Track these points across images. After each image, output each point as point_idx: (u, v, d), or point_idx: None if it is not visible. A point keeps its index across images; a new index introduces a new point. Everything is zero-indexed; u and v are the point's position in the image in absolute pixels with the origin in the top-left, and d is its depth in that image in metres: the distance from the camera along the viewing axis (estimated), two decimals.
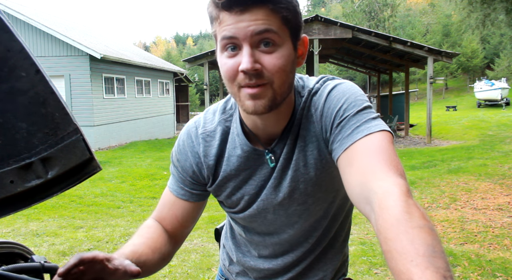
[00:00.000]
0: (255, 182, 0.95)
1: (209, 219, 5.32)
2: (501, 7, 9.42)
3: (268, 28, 0.76)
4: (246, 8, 0.75)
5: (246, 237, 1.07)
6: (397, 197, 0.63)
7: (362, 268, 3.56)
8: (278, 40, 0.78)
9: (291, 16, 0.79)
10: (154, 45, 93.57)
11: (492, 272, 3.35)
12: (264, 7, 0.75)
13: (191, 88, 36.93)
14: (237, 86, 0.80)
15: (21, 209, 0.80)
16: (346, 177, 0.77)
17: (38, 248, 4.28)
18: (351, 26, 12.83)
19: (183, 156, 0.98)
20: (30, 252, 1.24)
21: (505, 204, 5.45)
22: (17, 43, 0.74)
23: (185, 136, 0.99)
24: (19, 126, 0.75)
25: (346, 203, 1.03)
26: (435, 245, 0.54)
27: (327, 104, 0.86)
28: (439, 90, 42.45)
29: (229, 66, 0.79)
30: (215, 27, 0.80)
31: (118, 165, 10.32)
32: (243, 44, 0.77)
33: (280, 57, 0.78)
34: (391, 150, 0.76)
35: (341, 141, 0.81)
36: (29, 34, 13.80)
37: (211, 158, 0.95)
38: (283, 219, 0.98)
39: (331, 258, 1.07)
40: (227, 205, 1.02)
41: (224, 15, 0.77)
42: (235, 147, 0.93)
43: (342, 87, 0.88)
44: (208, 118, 0.98)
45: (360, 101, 0.84)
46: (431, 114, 12.88)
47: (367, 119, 0.81)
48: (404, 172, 0.72)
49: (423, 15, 57.00)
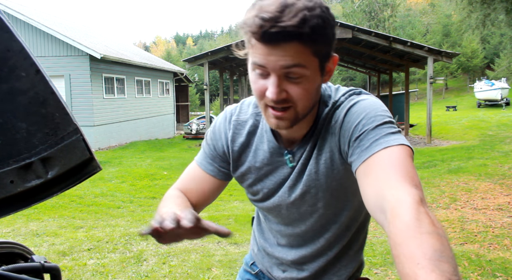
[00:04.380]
0: (275, 179, 1.02)
1: (209, 219, 5.31)
2: (501, 7, 9.42)
3: (296, 63, 0.78)
4: (277, 44, 0.76)
5: (267, 224, 1.16)
6: (409, 205, 0.65)
7: None
8: (306, 72, 0.80)
9: (324, 46, 0.81)
10: (154, 45, 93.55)
11: (492, 272, 3.35)
12: (296, 43, 0.76)
13: (191, 88, 36.94)
14: (264, 104, 0.86)
15: (21, 209, 0.80)
16: (363, 187, 0.79)
17: (38, 248, 4.27)
18: (351, 26, 12.83)
19: (217, 136, 1.06)
20: (30, 252, 1.24)
21: (505, 204, 5.45)
22: (17, 43, 0.74)
23: (222, 119, 1.07)
24: (19, 126, 0.75)
25: (359, 215, 1.07)
26: (443, 250, 0.55)
27: (347, 118, 0.89)
28: (439, 90, 42.45)
29: (258, 87, 0.84)
30: (249, 47, 0.83)
31: (118, 165, 10.32)
32: (272, 73, 0.80)
33: (306, 87, 0.82)
34: (409, 163, 0.77)
35: (360, 154, 0.83)
36: (29, 34, 13.80)
37: (236, 145, 1.03)
38: (296, 215, 1.05)
39: (345, 265, 1.12)
40: (249, 192, 1.10)
41: (256, 43, 0.78)
42: (263, 142, 1.00)
43: (365, 103, 0.90)
44: (243, 108, 1.06)
45: (380, 116, 0.86)
46: (431, 114, 12.88)
47: (387, 133, 0.82)
48: (420, 184, 0.73)
49: (423, 15, 57.01)
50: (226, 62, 16.19)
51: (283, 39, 0.75)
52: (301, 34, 0.75)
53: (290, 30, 0.74)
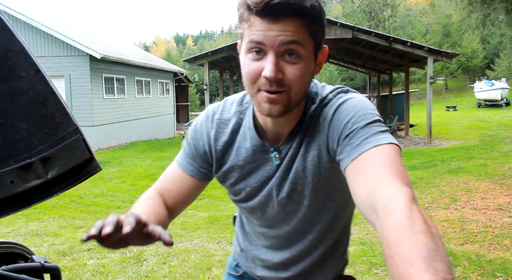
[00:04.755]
0: (258, 177, 1.00)
1: (209, 219, 5.32)
2: (501, 7, 9.42)
3: (295, 39, 0.79)
4: (278, 18, 0.77)
5: (249, 227, 1.14)
6: (401, 204, 0.64)
7: (362, 268, 3.56)
8: (303, 52, 0.81)
9: (319, 30, 0.83)
10: (154, 45, 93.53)
11: (492, 272, 3.35)
12: (296, 19, 0.78)
13: (191, 88, 36.93)
14: (256, 89, 0.84)
15: (21, 209, 0.80)
16: (353, 186, 0.79)
17: (38, 248, 4.27)
18: (351, 26, 12.83)
19: (198, 135, 1.04)
20: (30, 252, 1.24)
21: (505, 204, 5.45)
22: (17, 43, 0.74)
23: (204, 118, 1.05)
24: (19, 126, 0.75)
25: (343, 214, 1.06)
26: (436, 249, 0.54)
27: (336, 116, 0.89)
28: (439, 90, 42.45)
29: (252, 69, 0.83)
30: (244, 28, 0.82)
31: (118, 165, 10.32)
32: (269, 51, 0.80)
33: (302, 69, 0.82)
34: (398, 161, 0.77)
35: (349, 152, 0.82)
36: (29, 34, 13.80)
37: (220, 144, 1.01)
38: (281, 215, 1.03)
39: (332, 265, 1.11)
40: (231, 192, 1.08)
41: (256, 20, 0.79)
42: (245, 139, 0.99)
43: (353, 101, 0.90)
44: (226, 106, 1.04)
45: (369, 114, 0.86)
46: (431, 114, 12.87)
47: (376, 132, 0.82)
48: (410, 182, 0.73)
49: (423, 15, 57.01)
50: (226, 62, 16.19)
51: (285, 13, 0.77)
52: (302, 10, 0.77)
53: (292, 2, 0.76)
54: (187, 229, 4.85)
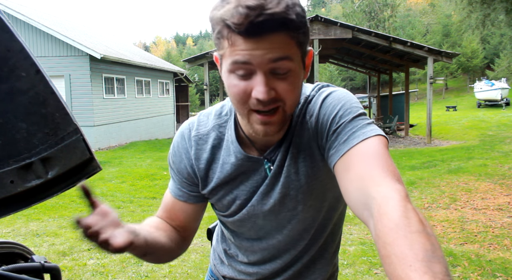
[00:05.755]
0: (247, 188, 0.95)
1: (209, 219, 5.31)
2: (501, 7, 9.42)
3: (284, 55, 0.74)
4: (263, 35, 0.71)
5: (235, 242, 1.07)
6: (396, 202, 0.63)
7: (362, 268, 3.56)
8: (292, 65, 0.76)
9: (305, 38, 0.78)
10: (154, 45, 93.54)
11: (492, 272, 3.35)
12: (282, 33, 0.72)
13: (191, 88, 36.93)
14: (247, 109, 0.79)
15: (21, 209, 0.80)
16: (344, 183, 0.77)
17: (38, 248, 4.28)
18: (351, 26, 12.83)
19: (177, 158, 0.98)
20: (30, 252, 1.24)
21: (505, 204, 5.45)
22: (17, 43, 0.74)
23: (179, 138, 0.98)
24: (19, 126, 0.75)
25: (334, 213, 1.02)
26: (434, 250, 0.54)
27: (322, 111, 0.87)
28: (439, 90, 42.45)
29: (240, 89, 0.76)
30: (224, 47, 0.75)
31: (118, 165, 10.32)
32: (258, 70, 0.74)
33: (293, 81, 0.78)
34: (387, 154, 0.76)
35: (338, 148, 0.81)
36: (29, 34, 13.80)
37: (202, 162, 0.96)
38: (273, 224, 0.98)
39: (320, 268, 1.07)
40: (218, 208, 1.02)
41: (238, 39, 0.72)
42: (229, 154, 0.93)
43: (337, 94, 0.88)
44: (202, 120, 0.98)
45: (355, 108, 0.85)
46: (431, 114, 12.87)
47: (362, 125, 0.81)
48: (400, 177, 0.72)
49: (423, 15, 57.02)
50: None
51: (270, 29, 0.70)
52: (288, 23, 0.71)
53: (278, 17, 0.69)
54: None
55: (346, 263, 3.69)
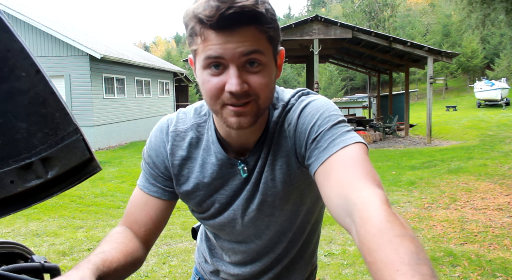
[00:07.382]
0: (227, 192, 0.95)
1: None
2: (501, 7, 9.42)
3: (256, 49, 0.76)
4: (235, 28, 0.73)
5: (217, 242, 1.09)
6: (377, 207, 0.63)
7: (362, 268, 3.56)
8: (264, 59, 0.78)
9: (275, 34, 0.80)
10: (154, 45, 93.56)
11: (492, 272, 3.35)
12: (253, 27, 0.75)
13: (191, 88, 36.92)
14: (220, 104, 0.80)
15: (21, 209, 0.80)
16: (324, 190, 0.77)
17: (38, 248, 4.28)
18: (351, 26, 12.83)
19: (154, 152, 0.97)
20: (30, 252, 1.24)
21: (505, 204, 5.45)
22: (17, 43, 0.74)
23: (158, 132, 0.98)
24: (19, 126, 0.75)
25: (312, 216, 1.04)
26: (418, 252, 0.54)
27: (301, 120, 0.87)
28: (439, 90, 42.46)
29: (213, 85, 0.78)
30: (197, 44, 0.77)
31: (118, 165, 10.32)
32: (230, 64, 0.76)
33: (266, 76, 0.79)
34: (367, 161, 0.77)
35: (318, 155, 0.81)
36: (29, 34, 13.80)
37: (176, 158, 0.95)
38: (252, 229, 0.99)
39: (299, 268, 1.09)
40: (197, 210, 1.02)
41: (210, 34, 0.74)
42: (210, 154, 0.93)
43: (316, 103, 0.88)
44: (181, 118, 0.98)
45: (334, 116, 0.85)
46: (431, 114, 12.88)
47: (342, 132, 0.82)
48: (380, 183, 0.73)
49: (423, 15, 57.03)
50: None
51: (241, 22, 0.73)
52: (258, 16, 0.74)
53: (247, 10, 0.71)
54: (187, 229, 4.85)
55: (346, 263, 3.69)
